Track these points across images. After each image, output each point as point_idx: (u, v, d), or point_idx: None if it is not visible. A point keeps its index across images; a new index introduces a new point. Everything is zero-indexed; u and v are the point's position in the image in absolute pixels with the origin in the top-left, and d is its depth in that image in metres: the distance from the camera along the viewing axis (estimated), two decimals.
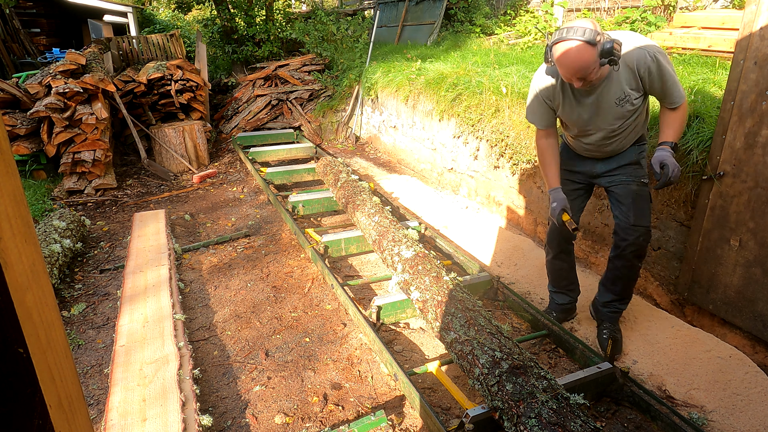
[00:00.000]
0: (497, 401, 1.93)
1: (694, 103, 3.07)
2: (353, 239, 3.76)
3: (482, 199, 4.61)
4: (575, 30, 2.01)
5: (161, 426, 2.06)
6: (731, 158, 2.45)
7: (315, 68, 7.66)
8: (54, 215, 4.06)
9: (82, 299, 3.38)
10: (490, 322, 2.29)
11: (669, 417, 2.13)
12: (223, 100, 7.82)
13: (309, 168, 5.39)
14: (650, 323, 2.79)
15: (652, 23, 5.15)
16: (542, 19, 7.10)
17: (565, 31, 2.04)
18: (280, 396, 2.46)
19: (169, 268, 3.42)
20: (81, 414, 0.67)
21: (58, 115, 4.99)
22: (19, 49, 10.64)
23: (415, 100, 5.65)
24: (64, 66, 5.23)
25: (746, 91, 2.34)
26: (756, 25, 2.26)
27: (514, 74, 4.60)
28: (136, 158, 6.27)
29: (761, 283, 2.40)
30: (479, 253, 3.83)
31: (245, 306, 3.24)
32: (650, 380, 2.47)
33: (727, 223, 2.50)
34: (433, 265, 2.79)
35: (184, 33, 12.15)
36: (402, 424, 2.28)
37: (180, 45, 7.75)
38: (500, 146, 4.19)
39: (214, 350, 2.82)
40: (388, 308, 2.93)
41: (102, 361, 2.74)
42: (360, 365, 2.67)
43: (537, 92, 2.42)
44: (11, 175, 0.54)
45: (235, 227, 4.48)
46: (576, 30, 2.01)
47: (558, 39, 2.06)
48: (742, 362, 2.45)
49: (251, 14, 8.14)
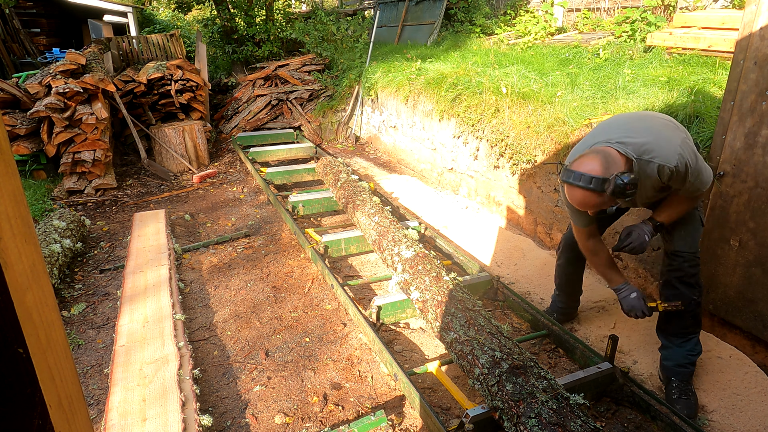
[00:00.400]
0: (497, 401, 1.93)
1: (694, 103, 3.08)
2: (353, 239, 3.76)
3: (482, 199, 4.61)
4: (581, 177, 1.88)
5: (161, 426, 2.06)
6: (731, 158, 2.45)
7: (315, 68, 7.66)
8: (54, 215, 4.06)
9: (82, 299, 3.38)
10: (490, 322, 2.29)
11: (669, 417, 2.13)
12: (223, 100, 7.82)
13: (309, 168, 5.39)
14: (650, 323, 2.79)
15: (652, 23, 5.15)
16: (542, 19, 7.10)
17: (573, 176, 1.90)
18: (280, 396, 2.46)
19: (169, 268, 3.42)
20: (81, 414, 0.67)
21: (58, 115, 4.99)
22: (19, 49, 10.64)
23: (415, 100, 5.65)
24: (64, 66, 5.23)
25: (746, 91, 2.34)
26: (756, 25, 2.26)
27: (514, 74, 4.60)
28: (136, 158, 6.27)
29: (761, 283, 2.40)
30: (479, 253, 3.83)
31: (245, 306, 3.24)
32: (650, 380, 2.47)
33: (727, 223, 2.50)
34: (433, 265, 2.79)
35: (184, 33, 12.15)
36: (402, 424, 2.28)
37: (180, 45, 7.75)
38: (500, 146, 4.19)
39: (214, 350, 2.82)
40: (388, 308, 2.93)
41: (102, 361, 2.74)
42: (360, 365, 2.67)
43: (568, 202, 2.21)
44: (11, 175, 0.54)
45: (235, 227, 4.48)
46: (582, 177, 1.87)
47: (565, 179, 1.94)
48: (742, 362, 2.45)
49: (251, 14, 8.14)
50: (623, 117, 2.25)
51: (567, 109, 3.72)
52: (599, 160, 1.90)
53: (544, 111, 3.90)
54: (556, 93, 4.06)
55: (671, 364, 2.35)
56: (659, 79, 3.77)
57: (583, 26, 7.17)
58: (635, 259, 3.14)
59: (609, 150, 1.95)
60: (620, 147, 1.95)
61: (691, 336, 2.33)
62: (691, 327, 2.31)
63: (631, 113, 2.36)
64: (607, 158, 1.91)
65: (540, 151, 3.77)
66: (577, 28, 7.30)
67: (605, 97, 3.77)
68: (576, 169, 1.91)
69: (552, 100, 3.97)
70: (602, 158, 1.90)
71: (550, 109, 3.87)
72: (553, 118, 3.75)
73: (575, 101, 3.82)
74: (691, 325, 2.31)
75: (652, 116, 2.17)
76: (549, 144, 3.70)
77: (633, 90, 3.71)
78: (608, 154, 1.92)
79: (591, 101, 3.76)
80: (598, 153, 1.93)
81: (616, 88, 3.87)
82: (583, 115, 3.59)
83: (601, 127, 2.19)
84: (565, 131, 3.58)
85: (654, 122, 2.10)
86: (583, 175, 1.88)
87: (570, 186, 1.94)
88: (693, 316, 2.29)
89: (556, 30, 7.14)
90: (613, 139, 2.01)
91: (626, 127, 2.08)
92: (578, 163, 1.93)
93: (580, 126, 3.51)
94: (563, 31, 7.25)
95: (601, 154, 1.93)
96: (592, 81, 4.18)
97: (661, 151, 1.96)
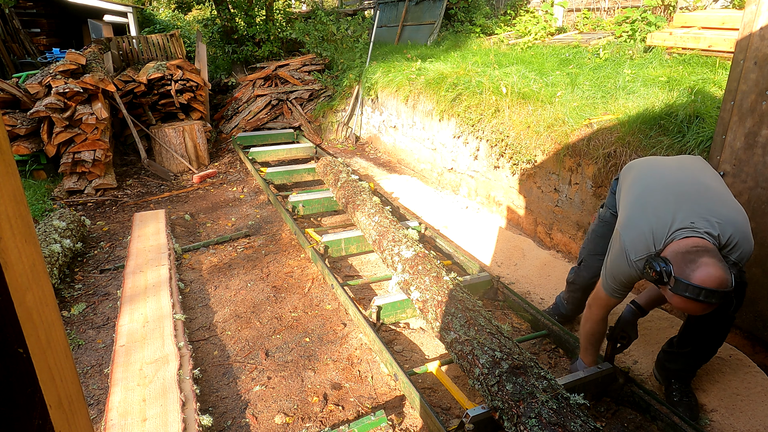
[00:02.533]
0: (497, 401, 1.93)
1: (694, 102, 3.08)
2: (353, 239, 3.76)
3: (482, 199, 4.61)
4: (714, 294, 1.61)
5: (161, 426, 2.06)
6: (731, 158, 2.45)
7: (315, 68, 7.66)
8: (54, 215, 4.06)
9: (82, 299, 3.38)
10: (490, 322, 2.29)
11: (669, 417, 2.12)
12: (223, 100, 7.82)
13: (309, 168, 5.39)
14: (650, 323, 2.79)
15: (652, 23, 5.15)
16: (542, 19, 7.10)
17: (703, 293, 1.62)
18: (280, 396, 2.46)
19: (169, 268, 3.42)
20: (81, 414, 0.67)
21: (58, 115, 4.99)
22: (19, 49, 10.64)
23: (415, 100, 5.65)
24: (64, 66, 5.23)
25: (746, 91, 2.34)
26: (756, 25, 2.26)
27: (514, 74, 4.60)
28: (136, 158, 6.27)
29: (761, 283, 2.40)
30: (479, 253, 3.83)
31: (245, 306, 3.24)
32: (650, 380, 2.47)
33: None
34: (433, 265, 2.79)
35: (184, 33, 12.15)
36: (402, 424, 2.28)
37: (180, 45, 7.75)
38: (500, 146, 4.19)
39: (214, 350, 2.82)
40: (388, 308, 2.93)
41: (102, 361, 2.74)
42: (360, 365, 2.67)
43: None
44: (11, 175, 0.54)
45: (235, 227, 4.48)
46: (715, 294, 1.61)
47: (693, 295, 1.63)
48: (742, 362, 2.45)
49: (251, 14, 8.14)
50: (683, 174, 2.03)
51: (567, 109, 3.72)
52: (721, 267, 1.63)
53: (544, 111, 3.90)
54: (556, 93, 4.06)
55: (675, 367, 2.29)
56: (659, 79, 3.77)
57: (583, 26, 7.17)
58: None
59: (711, 246, 1.72)
60: (709, 239, 1.74)
61: (713, 351, 2.22)
62: (720, 342, 2.19)
63: (685, 164, 2.12)
64: (721, 259, 1.67)
65: (540, 151, 3.77)
66: (577, 28, 7.30)
67: (605, 97, 3.77)
68: (704, 285, 1.61)
69: (552, 100, 3.97)
70: (721, 264, 1.64)
71: (550, 109, 3.87)
72: (553, 118, 3.75)
73: (575, 101, 3.82)
74: (721, 340, 2.19)
75: (712, 175, 2.02)
76: (549, 144, 3.70)
77: (633, 90, 3.71)
78: (718, 253, 1.70)
79: (591, 101, 3.76)
80: (712, 256, 1.66)
81: (616, 88, 3.87)
82: (583, 115, 3.59)
83: (669, 191, 1.94)
84: (565, 131, 3.58)
85: (720, 188, 1.93)
86: (716, 292, 1.60)
87: (691, 301, 1.64)
88: (726, 331, 2.16)
89: (556, 30, 7.14)
90: (701, 220, 1.79)
91: (702, 200, 1.86)
92: (701, 276, 1.62)
93: (580, 126, 3.51)
94: (563, 31, 7.25)
95: (715, 257, 1.67)
96: (592, 81, 4.18)
97: (740, 248, 1.79)
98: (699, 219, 1.79)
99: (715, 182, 2.00)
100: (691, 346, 2.21)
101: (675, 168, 2.10)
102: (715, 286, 1.60)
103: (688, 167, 2.10)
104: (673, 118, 3.03)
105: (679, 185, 1.96)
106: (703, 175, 2.02)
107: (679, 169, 2.09)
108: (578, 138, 3.46)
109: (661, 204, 1.90)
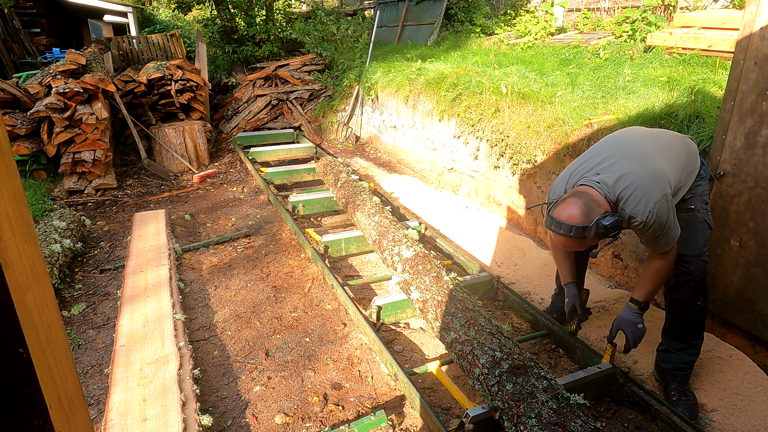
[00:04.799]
0: (497, 401, 1.93)
1: (694, 102, 3.08)
2: (353, 239, 3.76)
3: (482, 199, 4.61)
4: (561, 226, 1.88)
5: (161, 426, 2.06)
6: (731, 158, 2.45)
7: (315, 68, 7.66)
8: (54, 215, 4.06)
9: (82, 299, 3.38)
10: (490, 322, 2.29)
11: (669, 417, 2.13)
12: (223, 100, 7.82)
13: (309, 168, 5.39)
14: (650, 324, 2.79)
15: (653, 23, 5.15)
16: (542, 19, 7.10)
17: (554, 224, 1.91)
18: (280, 396, 2.46)
19: (169, 268, 3.42)
20: (81, 414, 0.67)
21: (59, 115, 4.99)
22: (19, 49, 10.64)
23: (415, 100, 5.65)
24: (65, 66, 5.23)
25: (746, 91, 2.34)
26: (756, 25, 2.26)
27: (514, 74, 4.60)
28: (136, 158, 6.27)
29: (761, 283, 2.40)
30: (479, 253, 3.83)
31: (245, 306, 3.24)
32: (650, 380, 2.47)
33: (727, 223, 2.50)
34: (433, 265, 2.78)
35: (184, 33, 12.15)
36: (402, 424, 2.28)
37: (180, 45, 7.75)
38: (500, 146, 4.19)
39: (214, 350, 2.82)
40: (388, 308, 2.93)
41: (102, 361, 2.74)
42: (360, 365, 2.67)
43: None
44: (11, 175, 0.54)
45: (235, 227, 4.48)
46: (562, 226, 1.88)
47: (548, 226, 1.97)
48: (742, 362, 2.45)
49: (251, 14, 8.15)
50: (621, 136, 2.20)
51: (567, 109, 3.72)
52: (579, 206, 1.87)
53: (544, 111, 3.90)
54: (556, 93, 4.06)
55: (669, 366, 2.33)
56: (659, 79, 3.77)
57: (583, 26, 7.17)
58: (636, 259, 3.14)
59: (590, 192, 1.93)
60: (600, 187, 1.93)
61: (694, 342, 2.28)
62: (696, 332, 2.27)
63: (636, 130, 2.27)
64: (587, 203, 1.88)
65: (540, 151, 3.77)
66: (577, 28, 7.29)
67: (605, 97, 3.77)
68: (556, 216, 1.90)
69: (552, 100, 3.97)
70: (582, 204, 1.87)
71: (550, 109, 3.87)
72: (553, 118, 3.75)
73: (575, 101, 3.82)
74: (696, 330, 2.26)
75: (656, 139, 2.14)
76: (549, 144, 3.70)
77: (633, 90, 3.70)
78: (589, 198, 1.90)
79: (591, 101, 3.76)
80: (578, 198, 1.90)
81: (616, 88, 3.87)
82: (583, 115, 3.59)
83: (593, 150, 2.18)
84: (565, 131, 3.58)
85: (650, 150, 2.06)
86: (563, 224, 1.87)
87: (553, 232, 1.95)
88: (698, 321, 2.24)
89: (557, 30, 7.14)
90: (592, 172, 2.01)
91: (616, 153, 2.05)
92: (558, 209, 1.92)
93: (580, 126, 3.51)
94: (563, 31, 7.24)
95: (581, 199, 1.90)
96: (592, 81, 4.18)
97: (634, 200, 1.92)
98: (608, 172, 1.99)
99: (650, 145, 2.10)
100: (674, 339, 2.31)
101: (637, 134, 2.22)
102: (563, 219, 1.88)
103: (644, 134, 2.21)
104: (674, 118, 3.03)
105: (620, 146, 2.12)
106: (646, 139, 2.15)
107: (638, 134, 2.21)
108: (578, 138, 3.46)
109: (591, 159, 2.13)
